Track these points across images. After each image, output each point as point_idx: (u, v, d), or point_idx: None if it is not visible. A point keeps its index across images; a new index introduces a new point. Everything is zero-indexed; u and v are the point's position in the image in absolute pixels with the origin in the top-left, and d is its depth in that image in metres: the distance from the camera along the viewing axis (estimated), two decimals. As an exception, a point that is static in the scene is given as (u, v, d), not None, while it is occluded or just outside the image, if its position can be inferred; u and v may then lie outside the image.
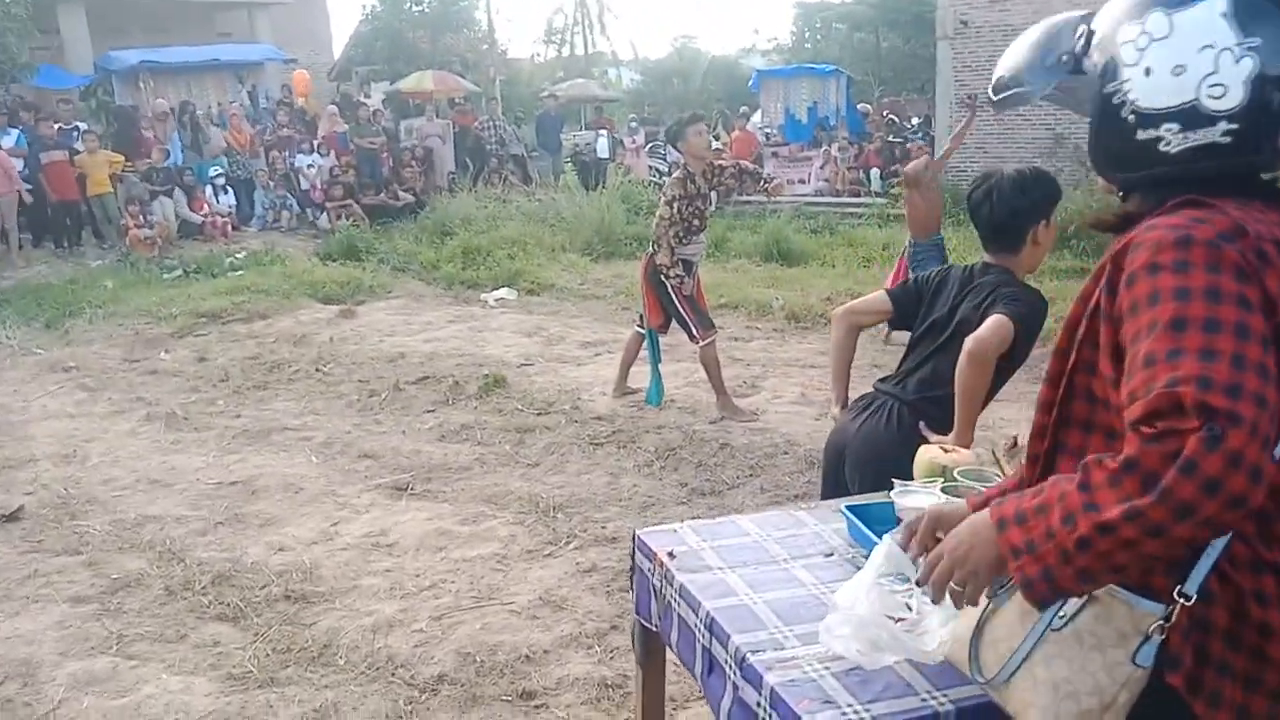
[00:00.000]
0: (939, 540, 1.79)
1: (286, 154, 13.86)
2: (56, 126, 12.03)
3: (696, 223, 5.81)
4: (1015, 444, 2.52)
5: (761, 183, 6.20)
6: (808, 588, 1.99)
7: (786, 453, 5.22)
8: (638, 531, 2.28)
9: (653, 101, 24.95)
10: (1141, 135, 1.30)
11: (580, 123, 22.83)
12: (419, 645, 3.45)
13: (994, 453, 2.47)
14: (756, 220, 12.71)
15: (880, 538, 2.05)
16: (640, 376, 6.26)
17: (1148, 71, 1.27)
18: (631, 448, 5.37)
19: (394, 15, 22.75)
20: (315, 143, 14.17)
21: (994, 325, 2.57)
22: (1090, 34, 1.38)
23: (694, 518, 4.48)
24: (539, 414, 5.94)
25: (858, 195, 14.67)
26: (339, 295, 9.36)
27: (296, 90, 16.57)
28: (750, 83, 19.77)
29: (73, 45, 16.98)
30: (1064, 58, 1.41)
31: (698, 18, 71.06)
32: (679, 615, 2.03)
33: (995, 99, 1.61)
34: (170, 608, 3.73)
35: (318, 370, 7.06)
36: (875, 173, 14.63)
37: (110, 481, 5.10)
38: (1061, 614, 1.34)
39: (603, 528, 4.40)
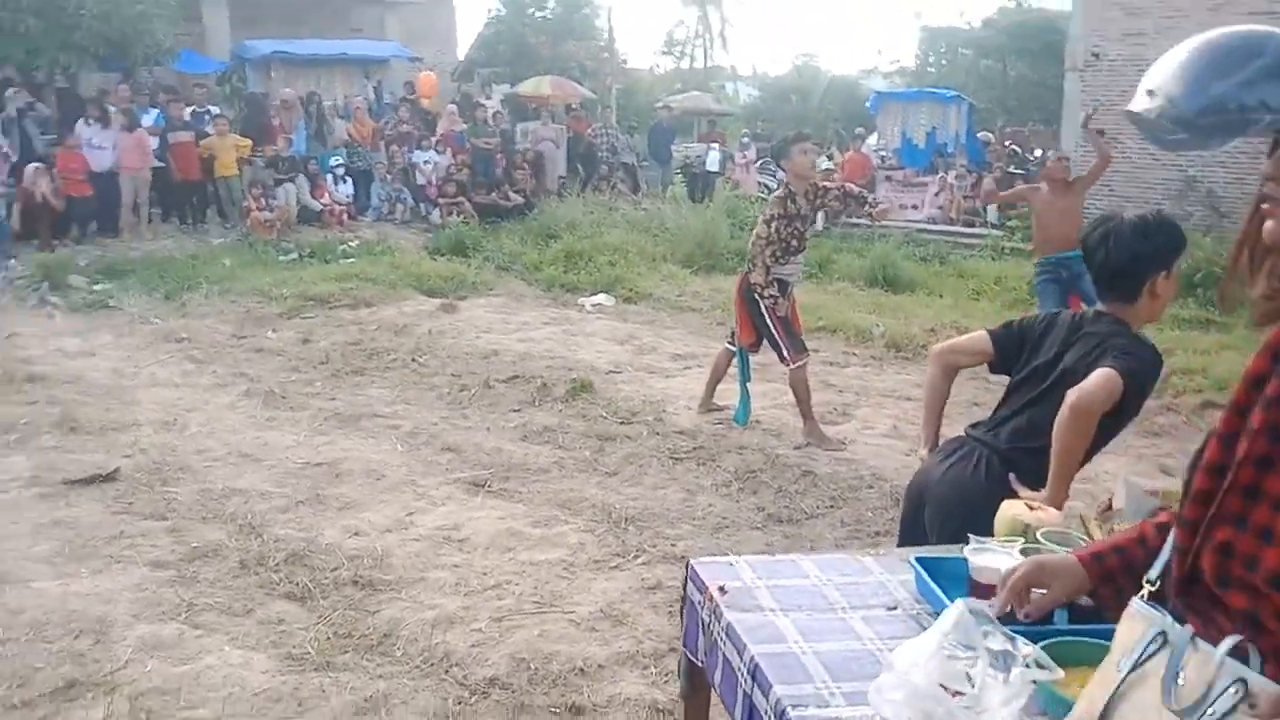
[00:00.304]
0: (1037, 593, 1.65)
1: (405, 149, 14.21)
2: (190, 110, 12.59)
3: (795, 243, 5.70)
4: (1110, 508, 2.34)
5: (866, 206, 6.06)
6: (863, 642, 1.87)
7: (872, 487, 5.05)
8: (691, 560, 2.20)
9: (767, 118, 24.75)
10: None
11: (694, 135, 22.84)
12: (476, 645, 3.44)
13: (1082, 519, 2.31)
14: (864, 243, 12.47)
15: (950, 595, 1.93)
16: (727, 394, 6.17)
17: None
18: (711, 466, 5.28)
19: (517, 19, 23.17)
20: (434, 140, 14.49)
21: (1101, 379, 2.39)
22: None
23: (768, 545, 4.42)
24: (622, 423, 5.90)
25: (972, 225, 14.24)
26: (442, 289, 9.54)
27: (421, 91, 16.95)
28: (868, 104, 19.43)
29: (213, 33, 17.78)
30: None
31: (820, 36, 70.40)
32: (724, 655, 1.94)
33: (1199, 121, 1.37)
34: (242, 581, 3.81)
35: (414, 360, 7.18)
36: (992, 208, 14.17)
37: (204, 452, 5.26)
38: (1211, 710, 1.17)
39: (673, 545, 4.33)
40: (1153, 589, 1.46)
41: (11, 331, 7.70)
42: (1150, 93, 1.35)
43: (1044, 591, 1.69)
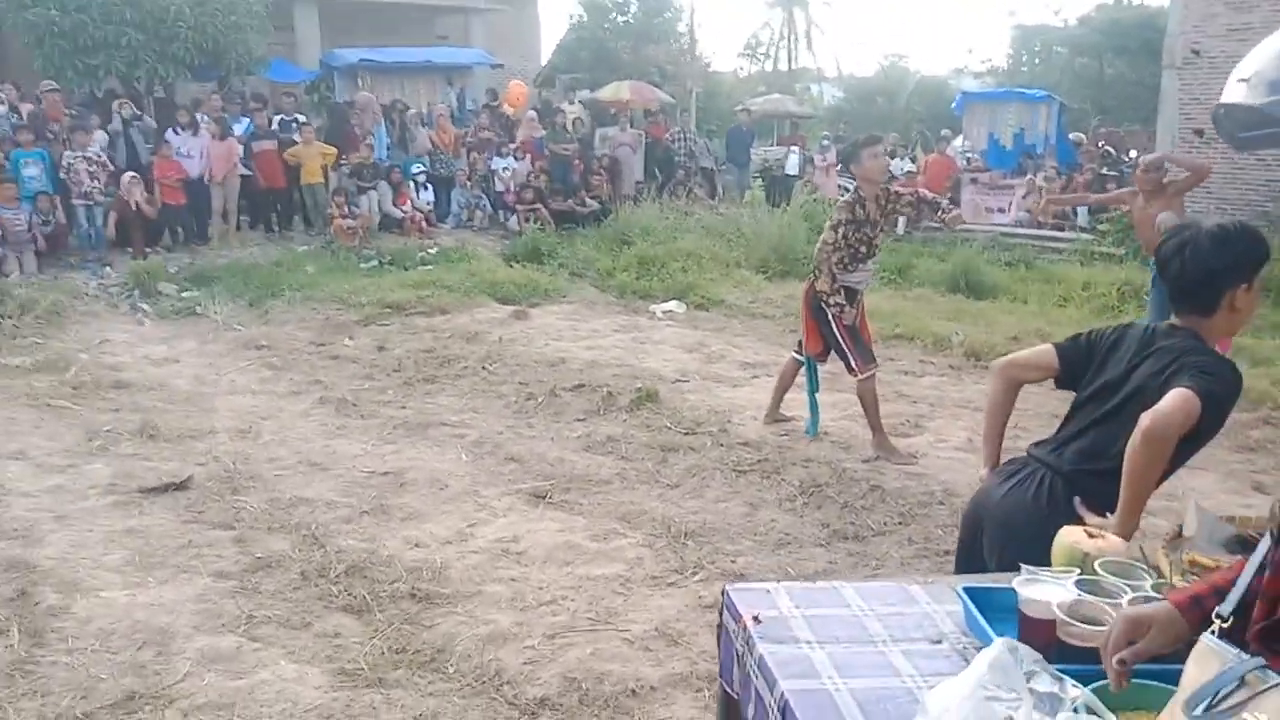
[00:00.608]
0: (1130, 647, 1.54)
1: (486, 156, 14.38)
2: (278, 118, 12.94)
3: (864, 250, 5.56)
4: (1179, 535, 2.19)
5: (940, 212, 5.89)
6: (902, 678, 1.78)
7: (943, 503, 4.89)
8: (728, 586, 2.13)
9: (851, 119, 24.38)
10: None
11: (774, 139, 22.63)
12: (528, 663, 3.42)
13: (1142, 550, 2.16)
14: (946, 248, 12.15)
15: (999, 629, 1.83)
16: (795, 404, 6.05)
17: None
18: (775, 479, 5.18)
19: (598, 24, 23.27)
20: (513, 147, 14.62)
21: (1177, 401, 2.23)
22: None
23: (831, 563, 4.31)
24: (686, 433, 5.83)
25: (1061, 229, 13.76)
26: (516, 296, 9.59)
27: (509, 99, 17.10)
28: (954, 105, 18.96)
29: (305, 43, 18.27)
30: None
31: (910, 36, 69.02)
32: (756, 689, 1.87)
33: None
34: (302, 593, 3.86)
35: (484, 369, 7.23)
36: (1083, 207, 13.66)
37: (275, 460, 5.37)
38: None
39: (733, 561, 4.26)
40: (1224, 625, 1.38)
41: (103, 338, 8.01)
42: (1244, 81, 1.22)
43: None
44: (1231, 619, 1.39)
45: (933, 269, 11.09)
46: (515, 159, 14.32)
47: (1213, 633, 1.38)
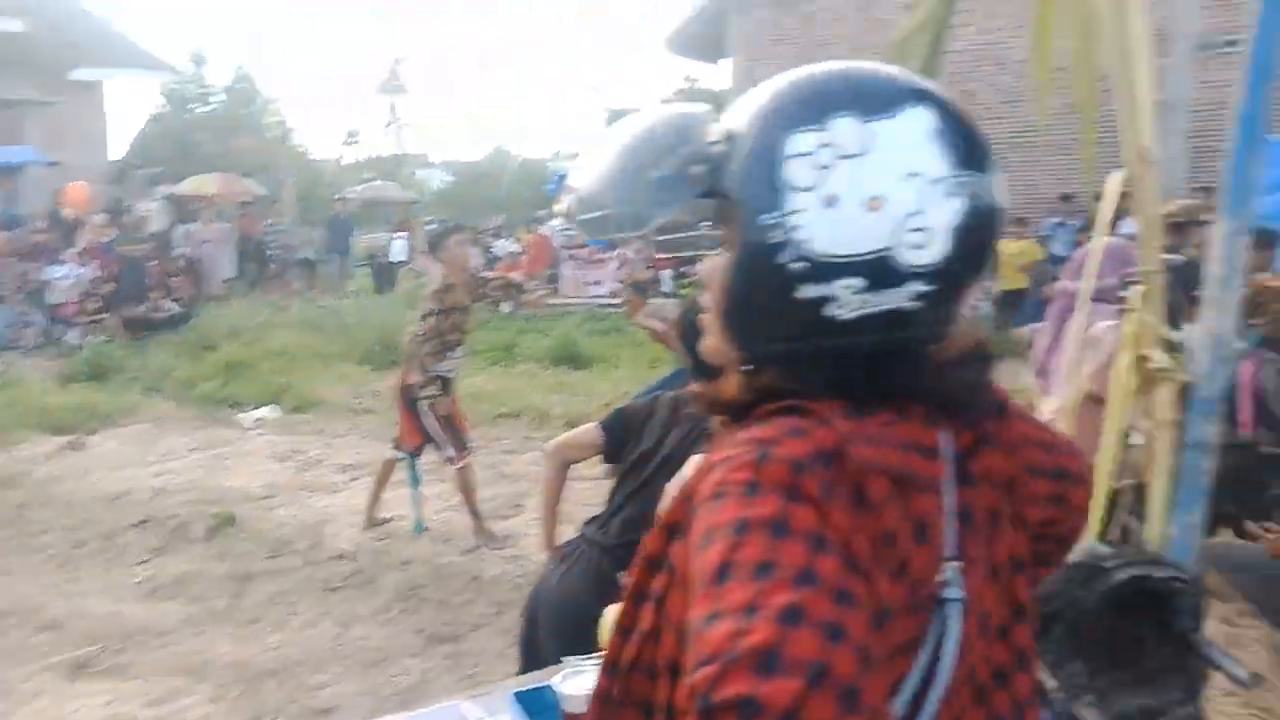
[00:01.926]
0: None
1: (39, 265, 12.64)
2: None
3: (454, 337, 5.43)
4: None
5: (524, 293, 5.92)
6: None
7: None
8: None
9: (458, 204, 24.65)
10: (803, 293, 0.87)
11: (384, 225, 22.22)
12: None
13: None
14: (549, 323, 12.42)
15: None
16: (394, 504, 5.71)
17: (831, 201, 0.85)
18: (370, 589, 4.80)
19: (178, 117, 21.74)
20: (74, 253, 12.98)
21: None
22: (731, 137, 0.91)
23: (425, 672, 3.99)
24: (270, 556, 5.26)
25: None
26: (71, 424, 8.28)
27: (69, 201, 15.19)
28: (550, 187, 19.81)
29: None
30: (695, 171, 0.92)
31: (512, 123, 72.21)
32: None
33: (580, 219, 1.13)
34: None
35: (20, 518, 6.08)
36: (666, 274, 14.64)
37: None
38: None
39: (315, 695, 3.83)
40: None
41: None
42: (583, 196, 1.09)
43: None
44: None
45: (537, 344, 11.24)
46: (79, 265, 12.71)
47: None
